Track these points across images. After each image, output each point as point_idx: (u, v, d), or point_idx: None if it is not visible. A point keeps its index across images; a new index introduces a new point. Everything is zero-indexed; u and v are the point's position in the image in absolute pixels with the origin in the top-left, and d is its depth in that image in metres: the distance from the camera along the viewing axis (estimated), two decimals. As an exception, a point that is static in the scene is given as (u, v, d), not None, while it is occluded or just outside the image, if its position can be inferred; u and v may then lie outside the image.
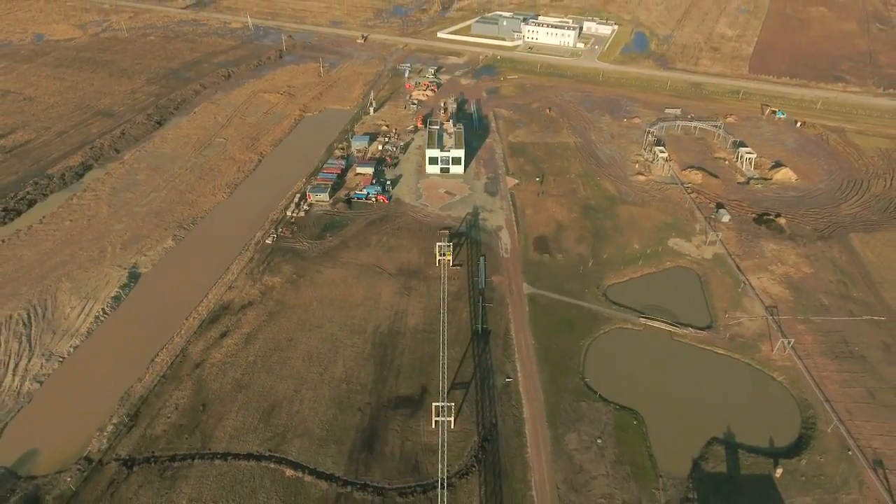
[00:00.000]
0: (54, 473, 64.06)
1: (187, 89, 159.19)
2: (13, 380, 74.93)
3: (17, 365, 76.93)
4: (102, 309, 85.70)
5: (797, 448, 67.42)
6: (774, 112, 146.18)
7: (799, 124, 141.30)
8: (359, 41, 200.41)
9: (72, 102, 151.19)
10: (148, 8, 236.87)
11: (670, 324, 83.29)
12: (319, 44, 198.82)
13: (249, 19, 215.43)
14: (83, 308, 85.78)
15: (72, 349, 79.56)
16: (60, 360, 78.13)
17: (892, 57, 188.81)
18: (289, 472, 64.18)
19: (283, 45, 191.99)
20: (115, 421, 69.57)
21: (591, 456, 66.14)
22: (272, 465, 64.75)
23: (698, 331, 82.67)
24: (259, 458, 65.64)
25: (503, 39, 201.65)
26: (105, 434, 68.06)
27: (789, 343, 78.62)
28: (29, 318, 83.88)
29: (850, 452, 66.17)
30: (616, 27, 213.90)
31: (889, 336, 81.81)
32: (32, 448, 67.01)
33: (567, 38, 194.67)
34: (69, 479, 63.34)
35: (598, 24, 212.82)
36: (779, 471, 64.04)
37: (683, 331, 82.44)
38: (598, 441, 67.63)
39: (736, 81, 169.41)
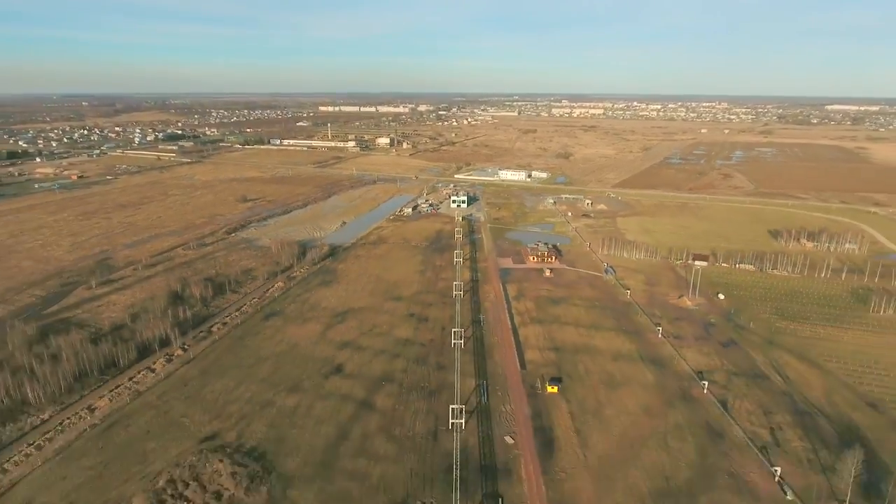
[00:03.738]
0: (340, 241, 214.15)
1: (333, 189, 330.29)
2: (314, 233, 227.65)
3: (314, 231, 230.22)
4: (334, 229, 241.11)
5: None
6: (611, 195, 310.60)
7: (620, 197, 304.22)
8: (413, 178, 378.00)
9: (284, 193, 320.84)
10: (296, 165, 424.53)
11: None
12: (392, 179, 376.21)
13: (354, 170, 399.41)
14: (328, 229, 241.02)
15: (329, 232, 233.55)
16: (327, 231, 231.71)
17: (697, 183, 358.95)
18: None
19: (374, 179, 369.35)
20: (362, 243, 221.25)
21: (504, 245, 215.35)
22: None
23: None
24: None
25: (489, 177, 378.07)
26: (355, 243, 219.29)
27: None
28: (309, 230, 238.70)
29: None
30: (549, 174, 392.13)
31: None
32: (328, 241, 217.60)
33: (521, 176, 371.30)
34: (327, 252, 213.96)
35: (539, 172, 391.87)
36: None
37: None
38: (513, 239, 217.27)
39: (602, 188, 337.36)
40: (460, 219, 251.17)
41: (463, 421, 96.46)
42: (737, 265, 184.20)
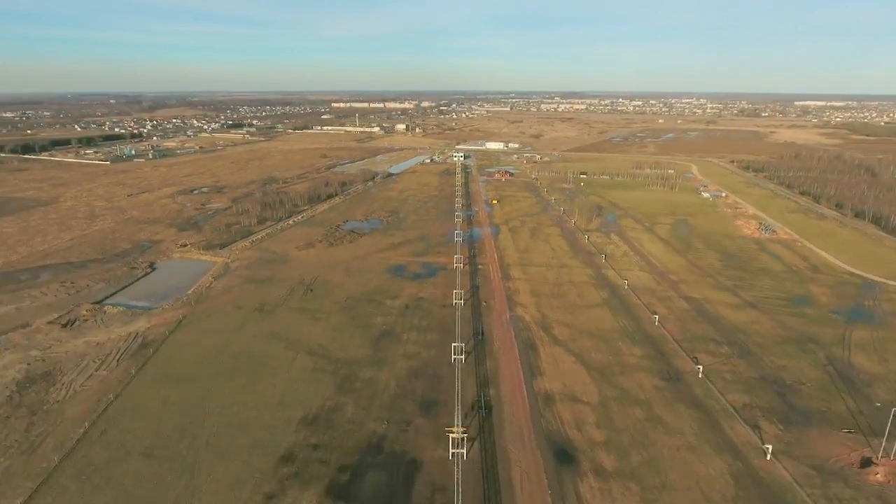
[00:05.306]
0: (393, 171, 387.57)
1: (376, 152, 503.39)
2: (376, 169, 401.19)
3: (375, 169, 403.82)
4: (386, 168, 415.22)
5: (532, 185, 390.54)
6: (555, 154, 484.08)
7: (561, 155, 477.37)
8: (427, 148, 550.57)
9: (345, 154, 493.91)
10: (342, 141, 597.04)
11: (509, 173, 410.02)
12: (413, 148, 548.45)
13: (386, 143, 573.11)
14: (382, 168, 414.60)
15: (384, 169, 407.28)
16: (383, 169, 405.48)
17: (618, 149, 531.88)
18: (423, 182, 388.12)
19: (401, 148, 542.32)
20: (404, 172, 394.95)
21: (483, 172, 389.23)
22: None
23: (515, 175, 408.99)
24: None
25: (479, 147, 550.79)
26: (400, 172, 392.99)
27: (536, 178, 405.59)
28: (372, 168, 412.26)
29: (538, 181, 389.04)
30: (521, 145, 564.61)
31: (563, 176, 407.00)
32: (386, 171, 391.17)
33: (501, 146, 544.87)
34: (388, 174, 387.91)
35: (514, 144, 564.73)
36: (533, 179, 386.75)
37: (513, 175, 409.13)
38: (494, 175, 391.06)
39: (552, 152, 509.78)
40: (459, 164, 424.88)
41: (459, 206, 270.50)
42: (600, 176, 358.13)
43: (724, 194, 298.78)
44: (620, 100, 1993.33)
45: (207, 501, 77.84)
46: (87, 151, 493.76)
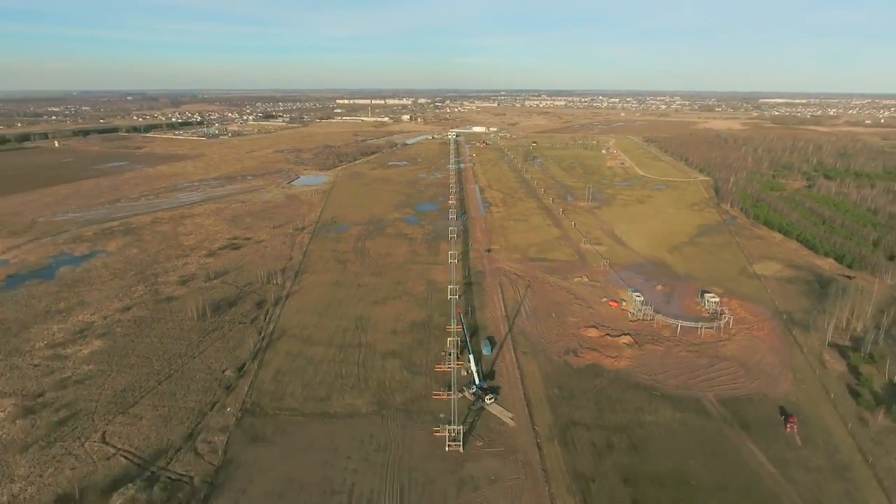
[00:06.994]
0: (407, 142, 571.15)
1: (391, 133, 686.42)
2: (396, 141, 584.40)
3: (396, 140, 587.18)
4: (402, 141, 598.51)
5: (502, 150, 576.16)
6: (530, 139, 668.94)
7: (526, 135, 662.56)
8: (428, 130, 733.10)
9: (369, 134, 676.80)
10: (361, 127, 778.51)
11: (486, 143, 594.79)
12: (418, 132, 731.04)
13: (397, 128, 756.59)
14: (400, 141, 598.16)
15: (401, 142, 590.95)
16: (400, 141, 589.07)
17: (570, 131, 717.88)
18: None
19: (409, 131, 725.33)
20: (414, 143, 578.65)
21: (469, 144, 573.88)
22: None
23: (490, 145, 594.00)
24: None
25: (467, 130, 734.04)
26: (412, 143, 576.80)
27: (503, 146, 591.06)
28: (392, 141, 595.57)
29: (505, 147, 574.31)
30: (498, 129, 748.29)
31: (521, 143, 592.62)
32: (403, 142, 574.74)
33: (483, 129, 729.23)
34: (404, 143, 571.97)
35: (493, 129, 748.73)
36: (502, 146, 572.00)
37: (489, 145, 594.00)
38: (476, 144, 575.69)
39: (521, 133, 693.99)
40: (453, 139, 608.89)
41: (452, 157, 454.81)
42: (545, 144, 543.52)
43: (615, 152, 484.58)
44: (600, 97, 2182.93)
45: (379, 206, 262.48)
46: (178, 132, 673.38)
